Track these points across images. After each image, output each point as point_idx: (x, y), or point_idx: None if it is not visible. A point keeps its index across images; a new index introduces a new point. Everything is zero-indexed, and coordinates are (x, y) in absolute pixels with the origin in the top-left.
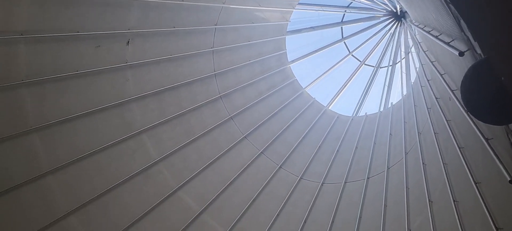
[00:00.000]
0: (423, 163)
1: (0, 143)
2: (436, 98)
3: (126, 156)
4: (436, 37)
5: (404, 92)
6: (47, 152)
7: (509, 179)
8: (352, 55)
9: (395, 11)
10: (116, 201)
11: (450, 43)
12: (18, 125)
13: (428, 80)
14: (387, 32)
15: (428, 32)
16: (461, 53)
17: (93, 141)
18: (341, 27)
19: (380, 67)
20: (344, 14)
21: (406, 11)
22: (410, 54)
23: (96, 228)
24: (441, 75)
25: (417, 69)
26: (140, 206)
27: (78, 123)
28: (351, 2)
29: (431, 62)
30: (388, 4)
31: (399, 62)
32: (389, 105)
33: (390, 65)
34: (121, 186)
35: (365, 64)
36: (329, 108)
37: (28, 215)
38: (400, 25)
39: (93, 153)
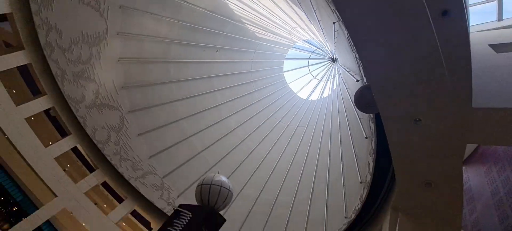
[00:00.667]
0: (331, 125)
1: (166, 83)
2: (342, 98)
3: (209, 99)
4: (348, 71)
5: (329, 93)
6: (181, 91)
7: (365, 136)
8: (310, 73)
9: (332, 57)
10: (206, 116)
11: (353, 75)
12: (163, 77)
13: (340, 89)
14: (329, 67)
15: (345, 68)
16: (357, 80)
17: (199, 89)
18: (308, 61)
19: (322, 80)
20: (310, 55)
21: (337, 58)
22: (336, 77)
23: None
24: (347, 88)
25: (337, 84)
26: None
27: (198, 82)
28: (314, 50)
29: (344, 82)
30: (331, 54)
31: (331, 79)
32: (322, 97)
33: (326, 80)
34: (204, 112)
35: (315, 78)
36: (297, 94)
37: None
38: (334, 63)
39: (197, 95)
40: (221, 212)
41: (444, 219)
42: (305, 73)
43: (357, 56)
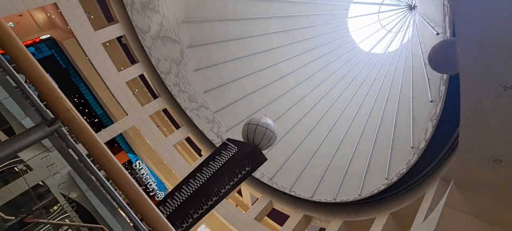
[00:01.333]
0: (392, 82)
1: (224, 20)
2: (412, 53)
3: (265, 41)
4: (427, 22)
5: (397, 47)
6: (237, 30)
7: (430, 99)
8: (379, 22)
9: (411, 5)
10: (260, 59)
11: (433, 27)
12: (221, 14)
13: (412, 44)
14: (404, 16)
15: (424, 18)
16: (437, 33)
17: (255, 29)
18: (379, 6)
19: (391, 31)
20: (382, 2)
21: (416, 5)
22: (409, 28)
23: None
24: (420, 42)
25: (409, 37)
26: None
27: (254, 22)
28: None
29: (418, 35)
30: (407, 0)
31: (403, 31)
32: (386, 52)
33: (397, 32)
34: (258, 55)
35: (383, 28)
36: (358, 44)
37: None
38: (411, 12)
39: (252, 36)
40: (264, 152)
41: (505, 200)
42: (372, 22)
43: (447, 2)
